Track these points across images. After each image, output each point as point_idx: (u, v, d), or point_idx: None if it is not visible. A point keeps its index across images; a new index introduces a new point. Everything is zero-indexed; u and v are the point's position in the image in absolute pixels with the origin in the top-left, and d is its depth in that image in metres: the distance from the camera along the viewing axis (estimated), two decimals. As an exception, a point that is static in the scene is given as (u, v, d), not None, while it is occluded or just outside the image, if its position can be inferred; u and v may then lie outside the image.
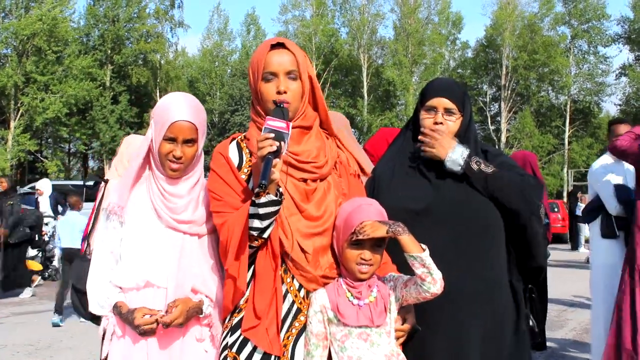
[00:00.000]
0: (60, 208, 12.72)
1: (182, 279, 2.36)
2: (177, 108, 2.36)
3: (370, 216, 2.15)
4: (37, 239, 11.88)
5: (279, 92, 2.19)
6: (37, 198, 12.67)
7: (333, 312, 2.14)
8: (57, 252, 12.30)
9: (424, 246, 2.11)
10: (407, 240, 2.10)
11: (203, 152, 2.49)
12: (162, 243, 2.37)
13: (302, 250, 2.15)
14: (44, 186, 12.89)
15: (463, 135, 2.46)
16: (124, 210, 2.39)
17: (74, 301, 3.21)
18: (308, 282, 2.17)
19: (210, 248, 2.42)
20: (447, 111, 2.44)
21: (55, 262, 12.23)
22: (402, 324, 2.21)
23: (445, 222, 2.35)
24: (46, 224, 12.33)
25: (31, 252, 11.94)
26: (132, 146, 2.98)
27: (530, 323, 2.58)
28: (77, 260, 3.29)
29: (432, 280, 2.09)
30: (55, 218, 12.50)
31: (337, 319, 2.13)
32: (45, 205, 12.56)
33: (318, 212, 2.20)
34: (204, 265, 2.40)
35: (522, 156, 5.74)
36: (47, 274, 12.12)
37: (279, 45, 2.25)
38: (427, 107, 2.47)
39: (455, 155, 2.37)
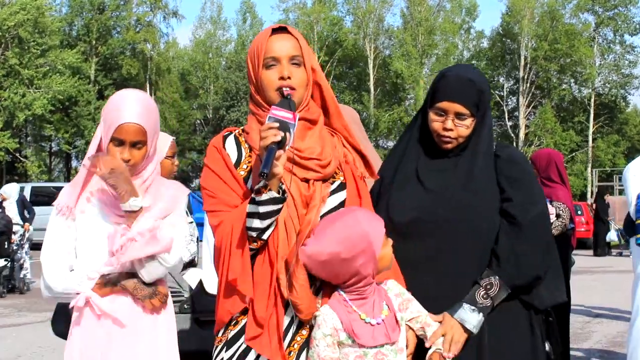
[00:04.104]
0: (27, 214, 12.62)
1: None
2: (126, 109, 2.44)
3: (382, 230, 2.12)
4: (6, 246, 11.77)
5: (282, 78, 2.19)
6: (1, 202, 12.55)
7: (346, 333, 2.09)
8: (27, 262, 12.24)
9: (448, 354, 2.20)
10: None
11: (156, 152, 2.60)
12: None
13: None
14: (9, 191, 12.68)
15: (477, 136, 2.44)
16: (74, 210, 2.50)
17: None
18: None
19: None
20: (459, 116, 2.39)
21: (29, 274, 12.14)
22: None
23: (437, 232, 2.32)
24: (14, 232, 12.21)
25: None
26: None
27: (547, 348, 2.53)
28: None
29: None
30: (22, 225, 12.30)
31: (352, 340, 2.09)
32: (12, 212, 12.39)
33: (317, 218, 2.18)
34: None
35: (546, 155, 5.80)
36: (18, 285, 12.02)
37: (281, 30, 2.25)
38: (436, 109, 2.42)
39: (476, 330, 2.26)
